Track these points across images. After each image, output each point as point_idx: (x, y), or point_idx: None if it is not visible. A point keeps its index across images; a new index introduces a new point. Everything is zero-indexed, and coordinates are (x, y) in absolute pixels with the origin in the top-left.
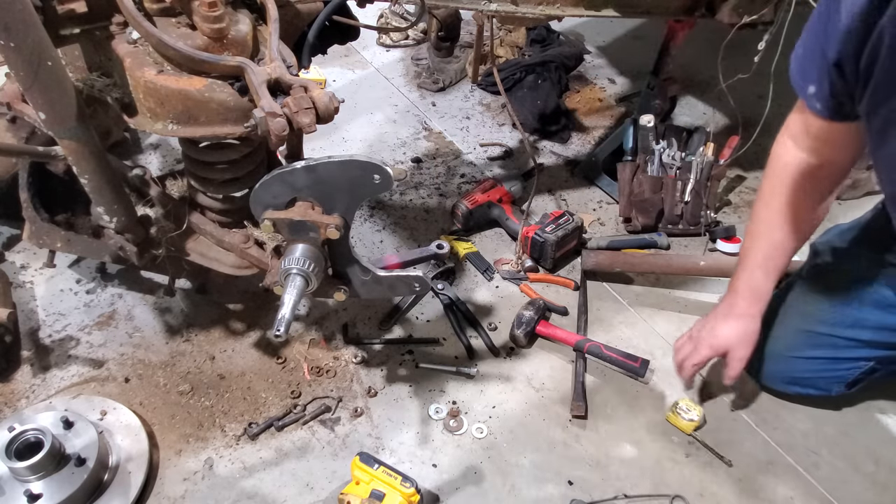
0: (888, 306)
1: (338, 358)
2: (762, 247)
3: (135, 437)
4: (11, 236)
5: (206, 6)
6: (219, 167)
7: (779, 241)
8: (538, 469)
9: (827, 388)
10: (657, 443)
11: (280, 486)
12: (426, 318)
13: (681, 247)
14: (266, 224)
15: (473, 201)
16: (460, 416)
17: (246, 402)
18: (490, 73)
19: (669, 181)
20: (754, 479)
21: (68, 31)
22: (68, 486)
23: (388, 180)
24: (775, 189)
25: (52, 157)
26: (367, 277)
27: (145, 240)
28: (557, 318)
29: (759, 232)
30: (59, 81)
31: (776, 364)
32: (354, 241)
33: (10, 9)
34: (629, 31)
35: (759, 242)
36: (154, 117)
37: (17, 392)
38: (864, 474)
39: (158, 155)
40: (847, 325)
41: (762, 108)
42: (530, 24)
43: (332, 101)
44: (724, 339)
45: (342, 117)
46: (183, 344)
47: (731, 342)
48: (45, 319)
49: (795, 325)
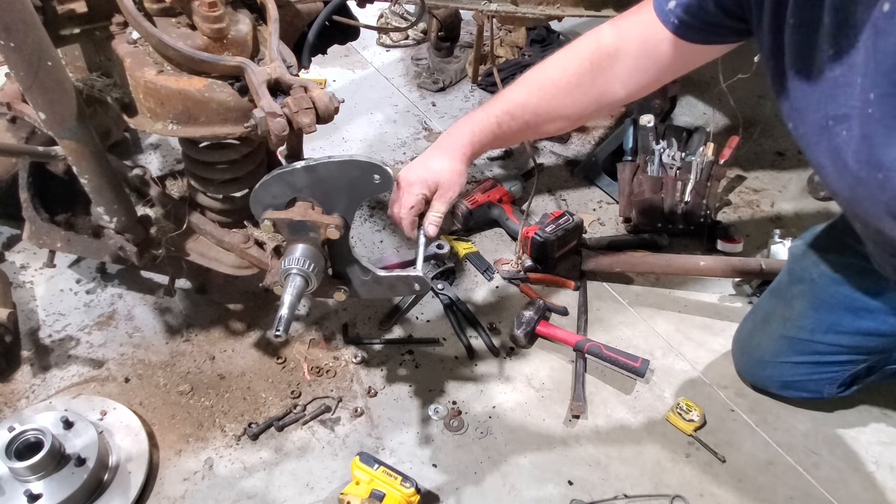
0: (859, 310)
1: (338, 358)
2: (510, 97)
3: (135, 437)
4: (11, 236)
5: (206, 6)
6: (219, 167)
7: (532, 104)
8: (538, 469)
9: (818, 391)
10: (657, 443)
11: (280, 486)
12: (426, 318)
13: (681, 247)
14: (266, 224)
15: (473, 201)
16: (460, 416)
17: (246, 402)
18: (490, 73)
19: (669, 181)
20: (754, 479)
21: (68, 31)
22: (68, 486)
23: (388, 180)
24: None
25: (52, 157)
26: (367, 277)
27: (145, 240)
28: (557, 318)
29: (520, 83)
30: (59, 81)
31: (765, 370)
32: (354, 241)
33: (10, 9)
34: None
35: (511, 92)
36: (154, 117)
37: (17, 392)
38: (864, 474)
39: (158, 155)
40: (824, 331)
41: (762, 108)
42: (530, 24)
43: (332, 101)
44: (433, 175)
45: (342, 117)
46: (183, 344)
47: (440, 179)
48: (45, 319)
49: (778, 332)
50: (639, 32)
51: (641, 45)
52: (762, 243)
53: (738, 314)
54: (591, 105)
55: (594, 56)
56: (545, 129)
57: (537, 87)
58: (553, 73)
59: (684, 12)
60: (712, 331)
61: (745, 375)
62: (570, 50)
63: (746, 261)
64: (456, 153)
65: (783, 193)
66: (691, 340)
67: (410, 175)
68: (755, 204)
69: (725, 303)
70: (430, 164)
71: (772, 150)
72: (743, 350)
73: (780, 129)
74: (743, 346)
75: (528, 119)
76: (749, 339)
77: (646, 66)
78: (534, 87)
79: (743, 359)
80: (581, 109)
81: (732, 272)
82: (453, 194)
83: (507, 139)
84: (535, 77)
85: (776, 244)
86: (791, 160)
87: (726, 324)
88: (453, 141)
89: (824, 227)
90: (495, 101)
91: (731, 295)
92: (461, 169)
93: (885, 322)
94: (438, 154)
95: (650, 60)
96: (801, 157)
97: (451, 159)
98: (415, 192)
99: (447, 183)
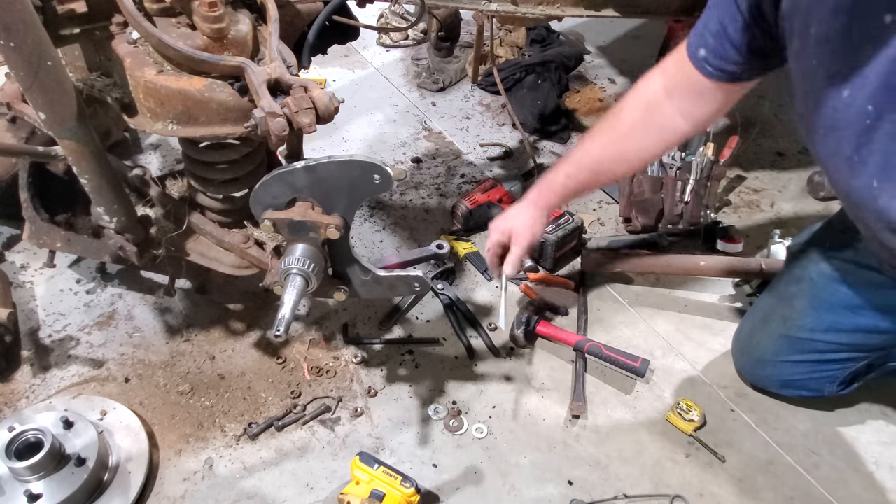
0: (858, 307)
1: (338, 358)
2: (578, 150)
3: (135, 437)
4: (11, 236)
5: (206, 6)
6: (219, 167)
7: (594, 153)
8: (538, 469)
9: (819, 389)
10: (657, 443)
11: (280, 486)
12: (426, 318)
13: (681, 247)
14: (266, 224)
15: (473, 201)
16: (460, 416)
17: (246, 402)
18: (490, 73)
19: (669, 181)
20: (754, 479)
21: (68, 31)
22: (68, 486)
23: (388, 180)
24: (622, 105)
25: (52, 157)
26: (367, 277)
27: (145, 240)
28: (557, 318)
29: (586, 137)
30: (59, 81)
31: (765, 369)
32: (354, 241)
33: (10, 9)
34: (629, 31)
35: (579, 146)
36: (154, 117)
37: (17, 392)
38: (864, 474)
39: (158, 155)
40: (824, 330)
41: (762, 108)
42: (530, 24)
43: (332, 101)
44: (509, 223)
45: (342, 117)
46: (183, 344)
47: (514, 226)
48: (45, 319)
49: (777, 331)
50: (683, 77)
51: (688, 87)
52: (762, 243)
53: (737, 314)
54: (655, 142)
55: (649, 98)
56: (615, 173)
57: (599, 135)
58: (612, 120)
59: (715, 58)
60: (712, 331)
61: (745, 375)
62: (625, 99)
63: (746, 261)
64: (531, 203)
65: (783, 193)
66: (691, 340)
67: (492, 224)
68: (755, 204)
69: (725, 303)
70: (509, 214)
71: (772, 150)
72: (743, 350)
73: (780, 129)
74: (743, 346)
75: (593, 167)
76: (749, 339)
77: (699, 104)
78: (596, 137)
79: (743, 358)
80: (644, 148)
81: (732, 272)
82: (525, 240)
83: (579, 186)
84: (598, 127)
85: (776, 244)
86: (791, 160)
87: (726, 324)
88: (530, 194)
89: (821, 225)
90: (567, 154)
91: (731, 295)
92: (535, 216)
93: (885, 319)
94: (519, 206)
95: (702, 99)
96: (801, 157)
97: (526, 208)
98: (493, 238)
99: (520, 229)
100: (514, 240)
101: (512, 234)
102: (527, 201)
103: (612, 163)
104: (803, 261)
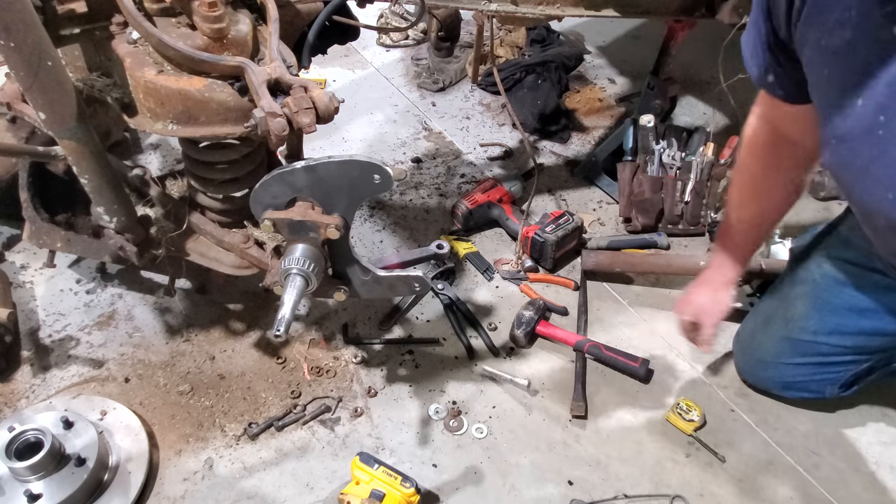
0: (862, 311)
1: (338, 358)
2: (733, 221)
3: (135, 437)
4: (11, 236)
5: (206, 6)
6: (219, 167)
7: (747, 217)
8: (538, 469)
9: (820, 391)
10: (657, 443)
11: (280, 486)
12: (426, 318)
13: (681, 247)
14: (266, 224)
15: (473, 201)
16: (460, 416)
17: (246, 402)
18: (490, 73)
19: (669, 181)
20: (754, 479)
21: (68, 31)
22: (68, 486)
23: (388, 180)
24: (743, 162)
25: (52, 157)
26: (367, 277)
27: (145, 240)
28: (557, 318)
29: (732, 205)
30: (59, 81)
31: (766, 371)
32: (354, 241)
33: (10, 9)
34: (629, 31)
35: (731, 216)
36: (154, 117)
37: (17, 392)
38: (864, 474)
39: (158, 155)
40: (827, 332)
41: None
42: (530, 24)
43: (332, 101)
44: (693, 306)
45: (342, 117)
46: (183, 344)
47: (699, 308)
48: (45, 319)
49: (780, 333)
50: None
51: (783, 114)
52: None
53: (738, 314)
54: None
55: (763, 139)
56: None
57: (737, 195)
58: (741, 178)
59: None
60: None
61: (745, 376)
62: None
63: None
64: (710, 284)
65: None
66: None
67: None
68: None
69: None
70: (692, 295)
71: None
72: (744, 350)
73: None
74: (744, 347)
75: (745, 228)
76: (750, 340)
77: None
78: (735, 201)
79: (744, 359)
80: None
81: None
82: (710, 318)
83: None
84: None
85: (776, 244)
86: None
87: (726, 324)
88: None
89: (825, 227)
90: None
91: (731, 295)
92: (717, 297)
93: (891, 322)
94: (700, 286)
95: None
96: None
97: (707, 289)
98: (684, 318)
99: (705, 308)
100: (703, 319)
101: (698, 315)
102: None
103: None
104: (806, 262)
